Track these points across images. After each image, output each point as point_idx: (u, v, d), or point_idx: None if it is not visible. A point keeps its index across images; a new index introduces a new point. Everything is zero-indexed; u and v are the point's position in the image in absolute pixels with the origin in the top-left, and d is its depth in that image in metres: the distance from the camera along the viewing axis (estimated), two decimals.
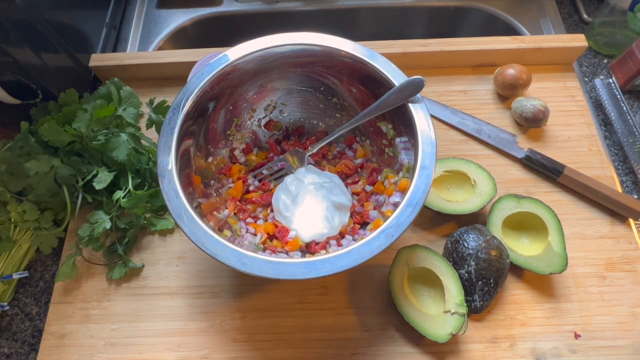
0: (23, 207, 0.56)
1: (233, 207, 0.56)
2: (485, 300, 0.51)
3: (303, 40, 0.51)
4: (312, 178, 0.56)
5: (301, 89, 0.59)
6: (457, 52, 0.69)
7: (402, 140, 0.52)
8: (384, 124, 0.56)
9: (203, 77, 0.50)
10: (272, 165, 0.60)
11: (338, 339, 0.53)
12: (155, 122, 0.62)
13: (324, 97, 0.59)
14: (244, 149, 0.61)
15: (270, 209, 0.57)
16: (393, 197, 0.53)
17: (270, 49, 0.51)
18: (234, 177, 0.58)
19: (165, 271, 0.58)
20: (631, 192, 0.63)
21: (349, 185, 0.59)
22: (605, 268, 0.56)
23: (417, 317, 0.51)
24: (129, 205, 0.56)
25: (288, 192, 0.56)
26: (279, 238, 0.54)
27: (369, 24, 0.89)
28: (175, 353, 0.53)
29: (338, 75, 0.56)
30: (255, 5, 0.86)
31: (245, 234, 0.54)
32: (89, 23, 0.74)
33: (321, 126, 0.63)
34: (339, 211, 0.55)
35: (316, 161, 0.61)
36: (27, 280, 0.60)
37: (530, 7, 0.82)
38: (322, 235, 0.53)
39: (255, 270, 0.41)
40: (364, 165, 0.60)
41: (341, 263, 0.40)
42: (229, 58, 0.51)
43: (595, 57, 0.76)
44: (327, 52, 0.52)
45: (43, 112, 0.61)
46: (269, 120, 0.62)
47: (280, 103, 0.61)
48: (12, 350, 0.56)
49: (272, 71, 0.55)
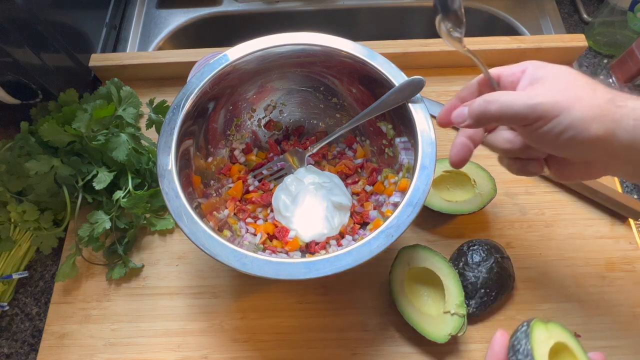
0: (23, 207, 0.56)
1: (233, 207, 0.56)
2: (480, 309, 0.51)
3: (303, 40, 0.51)
4: (312, 178, 0.56)
5: (301, 89, 0.59)
6: (457, 52, 0.69)
7: (402, 140, 0.52)
8: (384, 124, 0.56)
9: (203, 77, 0.50)
10: (272, 165, 0.60)
11: (338, 339, 0.53)
12: (155, 122, 0.62)
13: (324, 97, 0.59)
14: (243, 149, 0.61)
15: (270, 209, 0.57)
16: (393, 197, 0.53)
17: (270, 49, 0.51)
18: (233, 177, 0.58)
19: (165, 271, 0.58)
20: (631, 192, 0.63)
21: (349, 186, 0.59)
22: (605, 268, 0.56)
23: (417, 317, 0.51)
24: (129, 205, 0.56)
25: (288, 192, 0.56)
26: (279, 238, 0.54)
27: (369, 24, 0.89)
28: (175, 353, 0.53)
29: (338, 75, 0.56)
30: (255, 5, 0.86)
31: (245, 234, 0.54)
32: (89, 23, 0.74)
33: (321, 126, 0.63)
34: (339, 211, 0.55)
35: (316, 161, 0.61)
36: (27, 280, 0.60)
37: (530, 7, 0.82)
38: (322, 235, 0.53)
39: (255, 270, 0.41)
40: (364, 165, 0.60)
41: (341, 263, 0.40)
42: (229, 58, 0.51)
43: (595, 57, 0.76)
44: (327, 52, 0.52)
45: (43, 112, 0.61)
46: (268, 120, 0.62)
47: (280, 103, 0.61)
48: (12, 350, 0.56)
49: (272, 71, 0.55)
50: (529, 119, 0.35)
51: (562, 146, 0.36)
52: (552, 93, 0.35)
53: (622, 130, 0.34)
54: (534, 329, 0.36)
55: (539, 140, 0.37)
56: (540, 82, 0.37)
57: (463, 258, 0.53)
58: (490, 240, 0.55)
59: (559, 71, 0.37)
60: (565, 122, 0.34)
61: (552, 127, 0.35)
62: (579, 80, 0.36)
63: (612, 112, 0.34)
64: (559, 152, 0.37)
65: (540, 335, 0.36)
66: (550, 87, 0.36)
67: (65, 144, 0.56)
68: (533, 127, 0.36)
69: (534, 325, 0.36)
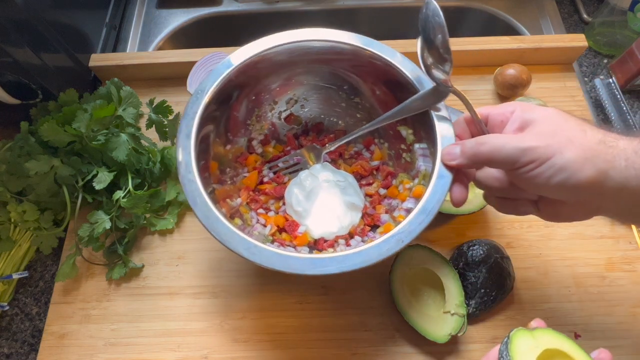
0: (23, 207, 0.56)
1: (246, 197, 0.56)
2: (479, 309, 0.52)
3: (334, 37, 0.51)
4: (327, 175, 0.56)
5: (325, 85, 0.59)
6: (457, 52, 0.68)
7: (421, 146, 0.52)
8: (405, 129, 0.55)
9: (230, 65, 0.49)
10: (288, 159, 0.59)
11: (338, 339, 0.53)
12: (155, 122, 0.62)
13: (347, 95, 0.59)
14: (262, 139, 0.61)
15: (282, 201, 0.57)
16: (406, 202, 0.52)
17: (301, 42, 0.51)
18: (249, 167, 0.58)
19: (165, 271, 0.58)
20: None
21: (363, 187, 0.58)
22: (605, 268, 0.56)
23: (417, 317, 0.51)
24: (129, 205, 0.56)
25: (302, 187, 0.56)
26: (289, 232, 0.54)
27: (369, 24, 0.89)
28: (175, 353, 0.53)
29: (363, 75, 0.55)
30: (255, 5, 0.86)
31: (255, 224, 0.54)
32: (89, 23, 0.74)
33: (340, 124, 0.62)
34: (351, 211, 0.55)
35: (332, 159, 0.61)
36: (27, 280, 0.60)
37: (530, 7, 0.82)
38: (331, 234, 0.53)
39: (263, 261, 0.40)
40: (380, 167, 0.59)
41: (349, 263, 0.40)
42: (260, 47, 0.50)
43: (595, 57, 0.76)
44: (356, 52, 0.51)
45: (43, 112, 0.61)
46: (289, 113, 0.61)
47: (302, 98, 0.60)
48: (12, 350, 0.56)
49: (298, 65, 0.55)
50: (521, 162, 0.35)
51: (554, 189, 0.36)
52: (544, 136, 0.36)
53: (614, 171, 0.34)
54: (513, 340, 0.35)
55: (530, 182, 0.37)
56: (530, 125, 0.37)
57: (463, 258, 0.53)
58: (490, 240, 0.55)
59: (548, 114, 0.37)
60: (557, 165, 0.34)
61: (544, 169, 0.35)
62: (569, 122, 0.36)
63: (604, 152, 0.34)
64: (551, 194, 0.38)
65: (522, 345, 0.35)
66: (541, 129, 0.36)
67: (65, 144, 0.56)
68: (524, 169, 0.36)
69: (514, 336, 0.36)
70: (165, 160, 0.62)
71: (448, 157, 0.42)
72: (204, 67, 0.64)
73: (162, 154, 0.62)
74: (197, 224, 0.61)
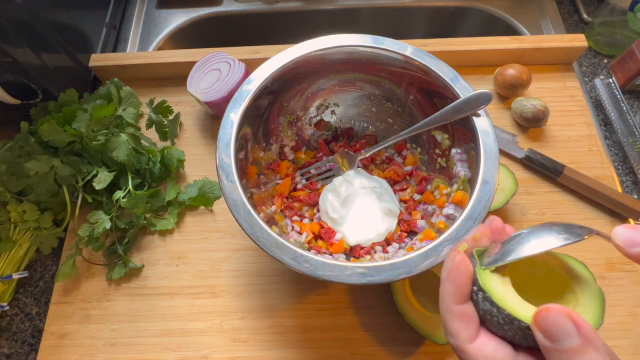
0: (23, 207, 0.56)
1: (280, 204, 0.55)
2: None
3: (370, 43, 0.50)
4: (362, 182, 0.55)
5: (356, 91, 0.58)
6: (457, 52, 0.69)
7: (458, 151, 0.51)
8: (439, 133, 0.54)
9: (269, 69, 0.49)
10: (321, 165, 0.59)
11: (338, 339, 0.53)
12: (155, 122, 0.62)
13: (378, 101, 0.58)
14: (293, 146, 0.60)
15: (316, 208, 0.57)
16: (446, 208, 0.51)
17: (338, 47, 0.50)
18: (282, 174, 0.58)
19: (165, 271, 0.58)
20: (631, 192, 0.63)
21: (397, 192, 0.57)
22: (605, 268, 0.56)
23: (417, 317, 0.51)
24: (129, 205, 0.56)
25: (337, 194, 0.55)
26: (324, 239, 0.53)
27: (369, 24, 0.89)
28: (175, 353, 0.53)
29: (398, 80, 0.54)
30: (255, 5, 0.86)
31: (290, 231, 0.54)
32: (89, 23, 0.74)
33: (371, 129, 0.62)
34: (388, 217, 0.54)
35: (364, 165, 0.60)
36: (27, 280, 0.60)
37: (530, 7, 0.82)
38: (368, 240, 0.52)
39: (312, 272, 0.40)
40: (413, 173, 0.58)
41: (399, 271, 0.40)
42: (303, 50, 0.50)
43: (595, 57, 0.76)
44: (392, 57, 0.51)
45: (43, 112, 0.61)
46: (319, 119, 0.61)
47: (333, 103, 0.60)
48: (12, 350, 0.56)
49: (333, 70, 0.55)
50: None
51: None
52: None
53: None
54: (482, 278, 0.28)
55: None
56: None
57: None
58: None
59: None
60: None
61: None
62: None
63: None
64: None
65: (494, 282, 0.28)
66: None
67: (65, 144, 0.56)
68: None
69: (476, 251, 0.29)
70: (165, 160, 0.62)
71: (631, 243, 0.29)
72: (204, 67, 0.64)
73: (162, 154, 0.62)
74: (197, 224, 0.61)
